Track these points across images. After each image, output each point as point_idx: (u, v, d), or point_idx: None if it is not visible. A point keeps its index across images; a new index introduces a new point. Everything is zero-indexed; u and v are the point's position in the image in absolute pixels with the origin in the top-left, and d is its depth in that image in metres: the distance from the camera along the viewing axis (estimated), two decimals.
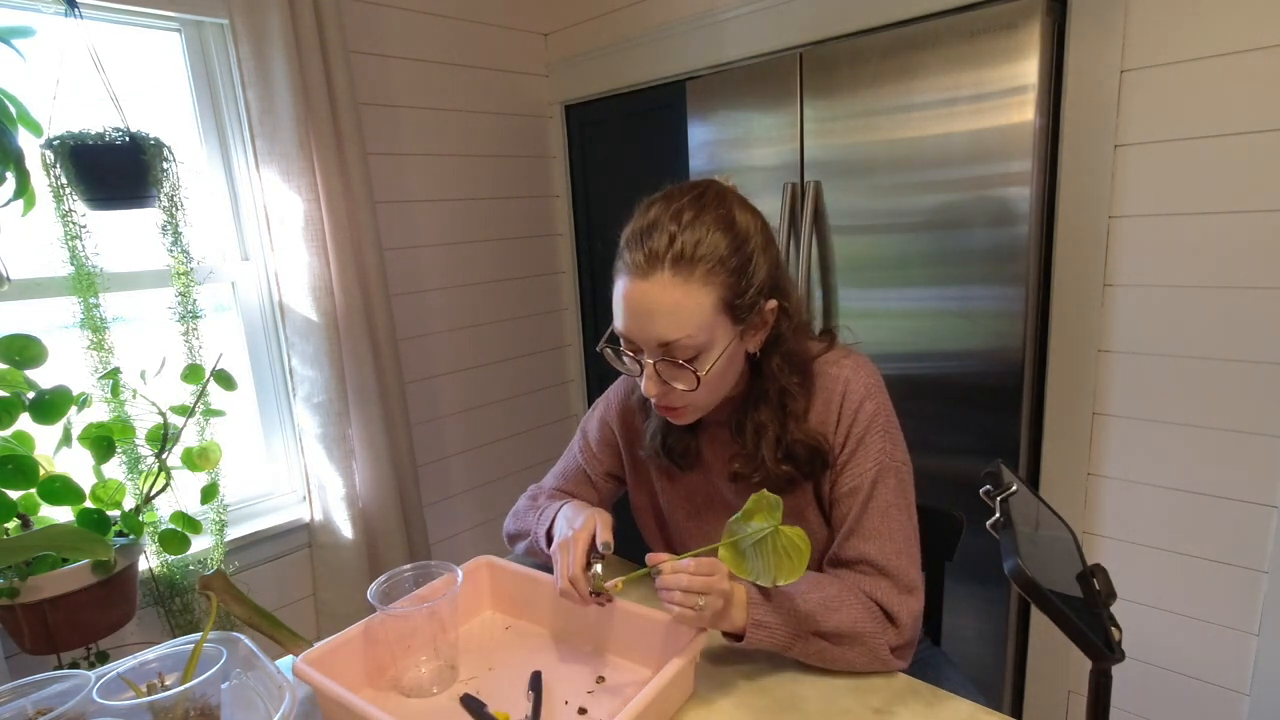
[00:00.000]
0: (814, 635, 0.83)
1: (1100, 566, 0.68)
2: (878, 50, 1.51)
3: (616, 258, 0.86)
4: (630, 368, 0.88)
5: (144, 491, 1.40)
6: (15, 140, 1.20)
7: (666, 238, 0.80)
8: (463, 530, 2.34)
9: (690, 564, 0.79)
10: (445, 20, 2.12)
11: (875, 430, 0.90)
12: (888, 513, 0.89)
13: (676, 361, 0.82)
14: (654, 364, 0.84)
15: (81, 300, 1.38)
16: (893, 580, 0.87)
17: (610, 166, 2.35)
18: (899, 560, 0.88)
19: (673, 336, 0.80)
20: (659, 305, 0.80)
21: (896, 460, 0.90)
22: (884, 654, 0.85)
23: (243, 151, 1.73)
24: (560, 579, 0.88)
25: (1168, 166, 1.32)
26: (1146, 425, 1.41)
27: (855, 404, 0.89)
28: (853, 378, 0.91)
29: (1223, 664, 1.39)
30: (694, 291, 0.80)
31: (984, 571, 1.55)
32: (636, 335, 0.83)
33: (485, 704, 0.84)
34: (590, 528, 0.91)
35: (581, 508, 0.99)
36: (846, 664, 0.85)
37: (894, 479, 0.90)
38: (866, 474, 0.89)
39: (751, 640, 0.82)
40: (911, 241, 1.54)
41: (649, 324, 0.81)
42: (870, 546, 0.88)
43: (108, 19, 1.55)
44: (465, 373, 2.29)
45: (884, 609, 0.86)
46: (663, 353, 0.82)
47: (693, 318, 0.80)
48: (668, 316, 0.80)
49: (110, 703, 0.69)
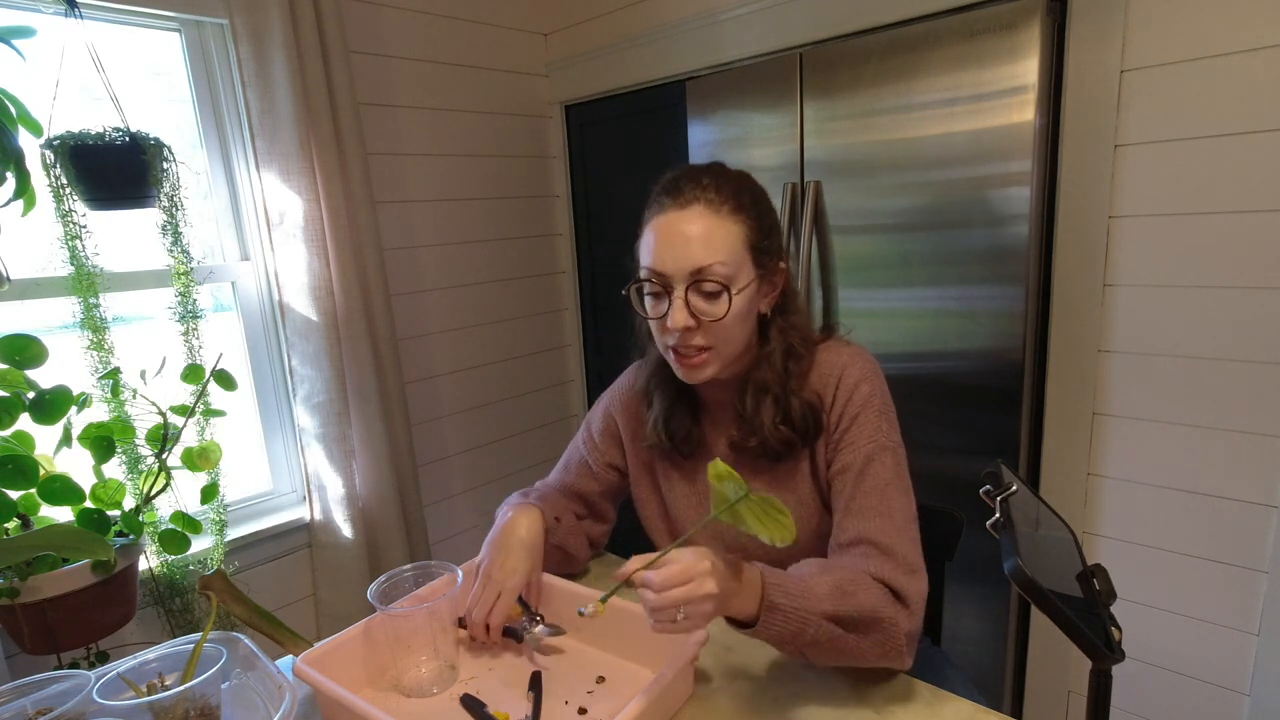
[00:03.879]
0: (828, 620, 0.77)
1: (1100, 566, 0.68)
2: (878, 50, 1.51)
3: (646, 209, 0.93)
4: (656, 309, 0.91)
5: (144, 491, 1.40)
6: (15, 140, 1.20)
7: (700, 181, 0.89)
8: (463, 530, 2.34)
9: (654, 578, 0.72)
10: (445, 20, 2.12)
11: (871, 409, 0.91)
12: (885, 491, 0.88)
13: (706, 290, 0.86)
14: (685, 292, 0.86)
15: (81, 300, 1.38)
16: (895, 560, 0.84)
17: (610, 166, 2.35)
18: (900, 539, 0.85)
19: (706, 261, 0.85)
20: (694, 231, 0.86)
21: (893, 441, 0.91)
22: (899, 641, 0.80)
23: (243, 151, 1.73)
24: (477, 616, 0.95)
25: (1168, 166, 1.32)
26: (1146, 425, 1.41)
27: (852, 384, 0.92)
28: (851, 362, 0.94)
29: (1223, 664, 1.39)
30: (725, 222, 0.87)
31: (984, 571, 1.55)
32: (669, 264, 0.86)
33: (485, 704, 0.84)
34: (519, 588, 0.96)
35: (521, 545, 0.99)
36: (858, 656, 0.80)
37: (890, 458, 0.89)
38: (861, 450, 0.89)
39: (765, 625, 0.76)
40: (911, 241, 1.54)
41: (684, 250, 0.86)
42: (869, 525, 0.86)
43: (108, 19, 1.55)
44: (465, 373, 2.29)
45: (892, 588, 0.82)
46: (693, 280, 0.85)
47: (724, 245, 0.86)
48: (702, 242, 0.86)
49: (110, 703, 0.69)
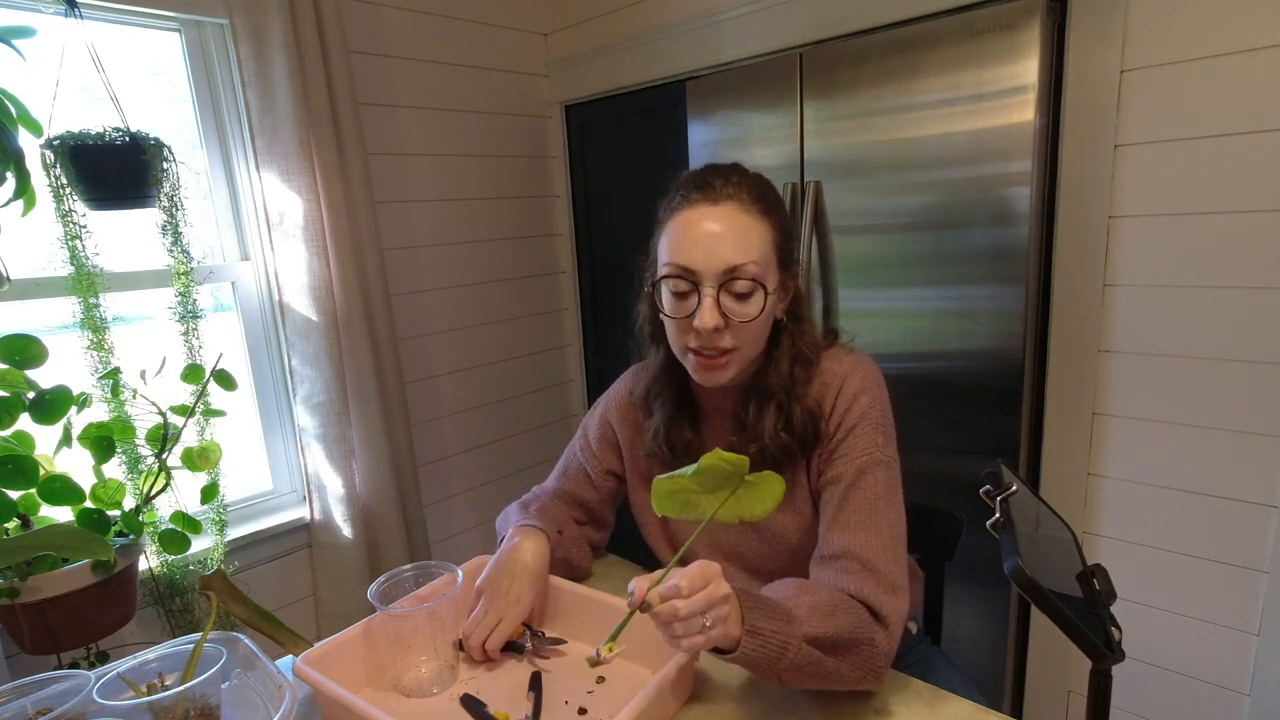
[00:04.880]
0: (808, 643, 0.75)
1: (1100, 566, 0.68)
2: (878, 50, 1.51)
3: (665, 204, 0.90)
4: (679, 308, 0.87)
5: (144, 491, 1.40)
6: (15, 140, 1.20)
7: (730, 179, 0.86)
8: (463, 530, 2.34)
9: (681, 583, 0.68)
10: (445, 20, 2.12)
11: (868, 422, 0.89)
12: (875, 506, 0.85)
13: (737, 290, 0.84)
14: (716, 291, 0.84)
15: (81, 300, 1.38)
16: (878, 578, 0.82)
17: (610, 166, 2.35)
18: (884, 556, 0.83)
19: (740, 260, 0.83)
20: (728, 230, 0.83)
21: (888, 455, 0.89)
22: (877, 662, 0.78)
23: (243, 151, 1.73)
24: (475, 640, 0.92)
25: (1168, 166, 1.32)
26: (1146, 425, 1.41)
27: (852, 394, 0.90)
28: (852, 372, 0.92)
29: (1223, 664, 1.39)
30: (756, 223, 0.85)
31: (984, 571, 1.55)
32: (701, 261, 0.83)
33: (485, 704, 0.84)
34: (521, 617, 0.94)
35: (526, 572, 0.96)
36: (836, 679, 0.78)
37: (884, 472, 0.87)
38: (854, 462, 0.87)
39: (745, 650, 0.72)
40: (912, 241, 1.54)
41: (716, 248, 0.83)
42: (854, 539, 0.84)
43: (108, 19, 1.55)
44: (465, 373, 2.29)
45: (870, 608, 0.80)
46: (726, 279, 0.83)
47: (756, 245, 0.84)
48: (736, 241, 0.83)
49: (110, 703, 0.69)
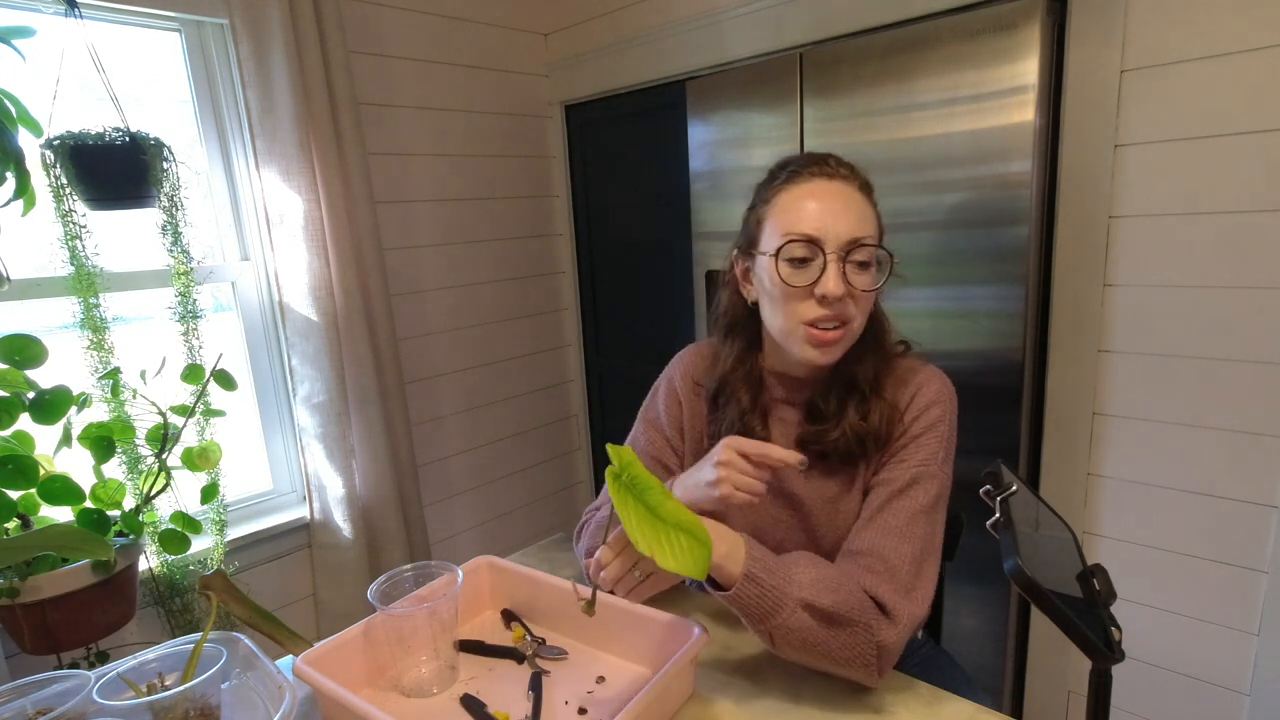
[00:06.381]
0: (803, 608, 0.76)
1: (1100, 566, 0.68)
2: (878, 50, 1.51)
3: (768, 186, 0.92)
4: (798, 277, 0.85)
5: (144, 491, 1.40)
6: (15, 140, 1.20)
7: (841, 161, 0.88)
8: (463, 530, 2.34)
9: (600, 556, 0.75)
10: (445, 20, 2.12)
11: (934, 434, 0.89)
12: (915, 517, 0.85)
13: (859, 259, 0.84)
14: (840, 259, 0.83)
15: (81, 300, 1.38)
16: (897, 581, 0.82)
17: (610, 166, 2.35)
18: (909, 566, 0.83)
19: (863, 233, 0.84)
20: (851, 202, 0.85)
21: (943, 471, 0.89)
22: (870, 649, 0.78)
23: (243, 151, 1.73)
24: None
25: (1168, 166, 1.32)
26: (1146, 425, 1.41)
27: (925, 403, 0.90)
28: (928, 381, 0.92)
29: (1223, 664, 1.39)
30: (869, 204, 0.88)
31: (984, 571, 1.55)
32: (828, 228, 0.84)
33: (485, 704, 0.84)
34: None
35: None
36: (826, 655, 0.78)
37: (934, 487, 0.87)
38: (909, 470, 0.87)
39: (739, 592, 0.76)
40: (911, 241, 1.54)
41: (843, 216, 0.84)
42: (885, 542, 0.84)
43: (108, 19, 1.55)
44: (465, 373, 2.29)
45: (880, 604, 0.80)
46: (850, 248, 0.84)
47: (871, 222, 0.86)
48: (858, 214, 0.85)
49: (110, 703, 0.69)
